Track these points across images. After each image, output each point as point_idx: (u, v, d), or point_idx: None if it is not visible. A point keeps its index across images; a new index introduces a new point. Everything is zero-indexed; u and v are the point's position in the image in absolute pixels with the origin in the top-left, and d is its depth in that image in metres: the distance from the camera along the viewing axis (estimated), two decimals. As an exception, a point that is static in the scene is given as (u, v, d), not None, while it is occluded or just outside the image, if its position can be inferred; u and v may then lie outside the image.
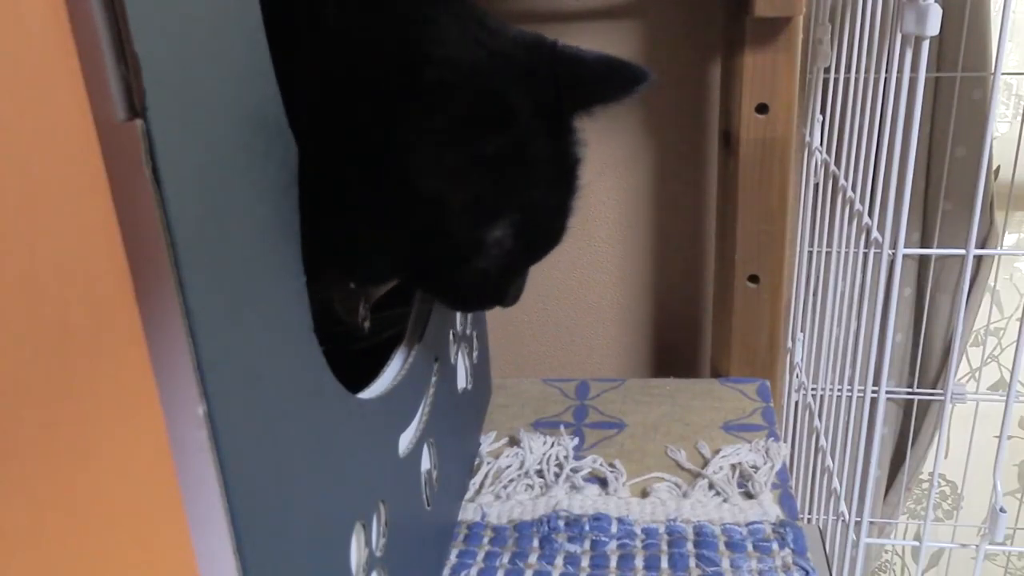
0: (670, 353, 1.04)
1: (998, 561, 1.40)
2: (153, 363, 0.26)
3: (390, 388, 0.47)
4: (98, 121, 0.24)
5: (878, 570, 1.46)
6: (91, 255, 0.23)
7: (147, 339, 0.25)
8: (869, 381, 0.74)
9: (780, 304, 0.86)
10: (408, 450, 0.50)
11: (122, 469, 0.24)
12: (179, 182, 0.25)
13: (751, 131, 0.79)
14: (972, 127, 1.07)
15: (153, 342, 0.26)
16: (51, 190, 0.21)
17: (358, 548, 0.41)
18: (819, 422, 0.93)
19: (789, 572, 0.57)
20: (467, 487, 0.68)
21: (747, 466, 0.69)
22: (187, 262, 0.26)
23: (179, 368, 0.26)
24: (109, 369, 0.24)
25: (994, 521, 0.70)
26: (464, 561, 0.60)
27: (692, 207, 0.96)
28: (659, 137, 0.94)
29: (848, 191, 0.80)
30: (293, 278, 0.34)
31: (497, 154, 0.41)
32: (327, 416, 0.37)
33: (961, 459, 1.24)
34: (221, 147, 0.28)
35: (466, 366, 0.67)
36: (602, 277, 1.01)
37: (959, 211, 1.09)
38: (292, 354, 0.34)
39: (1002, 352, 1.36)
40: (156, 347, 0.26)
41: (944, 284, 1.15)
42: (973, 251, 0.68)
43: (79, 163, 0.23)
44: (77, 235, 0.22)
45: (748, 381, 0.84)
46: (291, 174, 0.34)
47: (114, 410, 0.24)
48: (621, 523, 0.62)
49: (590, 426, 0.77)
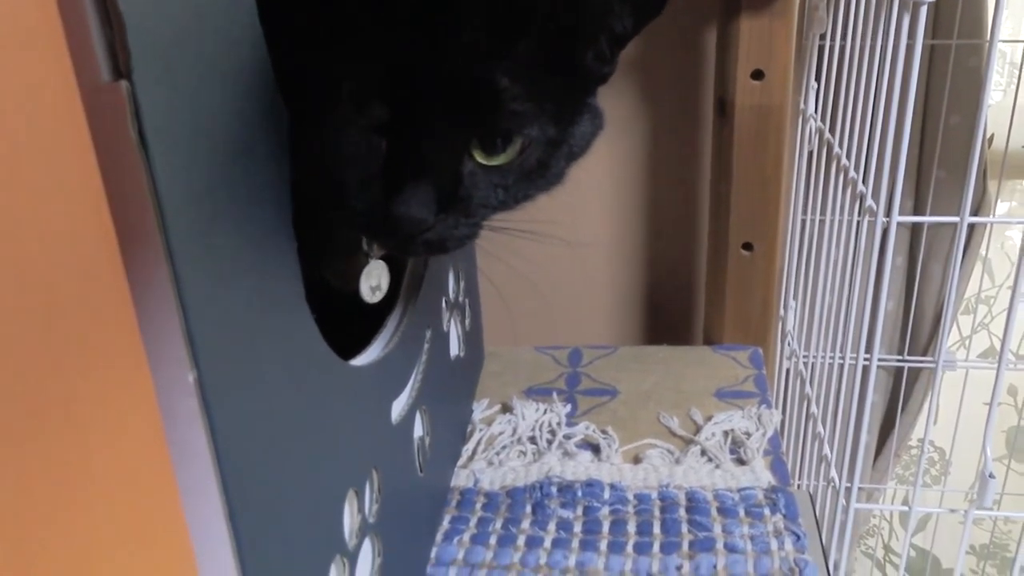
0: (663, 320, 1.04)
1: (984, 526, 1.42)
2: (142, 329, 0.25)
3: (382, 355, 0.47)
4: (82, 83, 0.23)
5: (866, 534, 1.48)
6: (77, 219, 0.23)
7: (135, 305, 0.25)
8: (861, 349, 0.74)
9: (774, 272, 0.86)
10: (401, 417, 0.50)
11: (112, 437, 0.24)
12: (166, 145, 0.25)
13: (747, 97, 0.78)
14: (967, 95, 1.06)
15: (141, 307, 0.25)
16: (34, 153, 0.21)
17: (351, 514, 0.41)
18: (810, 389, 0.93)
19: (780, 537, 0.57)
20: (460, 454, 0.68)
21: (739, 432, 0.69)
22: (175, 226, 0.25)
23: (168, 334, 0.26)
24: (97, 335, 0.23)
25: (983, 487, 0.71)
26: (457, 527, 0.60)
27: (686, 174, 0.96)
28: (653, 104, 0.93)
29: (842, 159, 0.80)
30: (284, 243, 0.34)
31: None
32: (319, 383, 0.37)
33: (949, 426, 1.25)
34: (208, 109, 0.28)
35: (459, 333, 0.67)
36: (595, 245, 1.01)
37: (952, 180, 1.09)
38: (284, 321, 0.33)
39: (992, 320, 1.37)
40: (145, 312, 0.25)
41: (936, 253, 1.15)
42: (967, 219, 0.68)
43: (63, 126, 0.22)
44: (62, 199, 0.22)
45: (741, 348, 0.84)
46: (280, 137, 0.33)
47: (103, 377, 0.24)
48: (614, 489, 0.63)
49: (583, 393, 0.77)
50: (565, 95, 0.42)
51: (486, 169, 0.40)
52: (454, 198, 0.39)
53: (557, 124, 0.41)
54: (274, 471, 0.32)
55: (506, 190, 0.41)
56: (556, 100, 0.41)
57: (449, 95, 0.36)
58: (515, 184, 0.41)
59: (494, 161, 0.40)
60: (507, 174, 0.40)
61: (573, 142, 0.43)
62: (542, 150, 0.41)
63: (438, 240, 0.40)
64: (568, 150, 0.43)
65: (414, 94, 0.36)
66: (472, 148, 0.39)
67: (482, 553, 0.57)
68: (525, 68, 0.38)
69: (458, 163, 0.39)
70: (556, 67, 0.40)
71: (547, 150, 0.41)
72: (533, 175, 0.42)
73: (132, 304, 0.25)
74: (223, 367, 0.28)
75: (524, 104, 0.38)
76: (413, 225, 0.37)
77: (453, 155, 0.39)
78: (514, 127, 0.39)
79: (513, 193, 0.41)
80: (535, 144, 0.40)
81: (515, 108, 0.38)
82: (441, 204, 0.38)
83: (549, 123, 0.40)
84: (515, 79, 0.37)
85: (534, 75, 0.38)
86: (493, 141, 0.39)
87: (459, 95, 0.37)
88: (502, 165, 0.40)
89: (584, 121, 0.44)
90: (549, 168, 0.42)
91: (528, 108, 0.39)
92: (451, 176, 0.39)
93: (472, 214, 0.40)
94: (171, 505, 0.28)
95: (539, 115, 0.40)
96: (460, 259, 0.67)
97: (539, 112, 0.39)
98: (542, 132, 0.40)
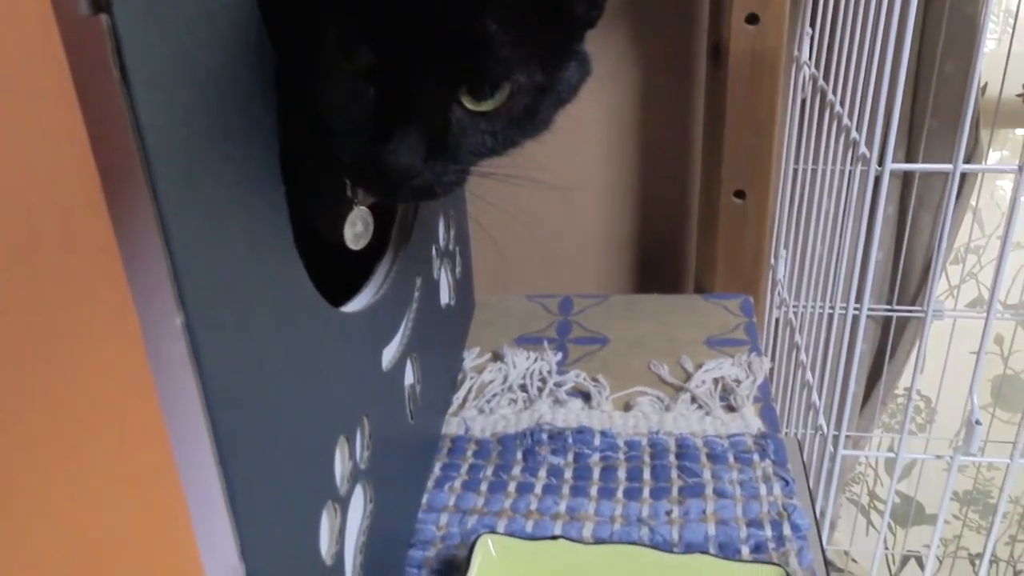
0: (654, 269, 1.04)
1: (968, 472, 1.44)
2: (127, 272, 0.25)
3: (372, 302, 0.46)
4: (60, 16, 0.22)
5: (852, 481, 1.50)
6: (57, 158, 0.22)
7: (120, 247, 0.25)
8: (851, 298, 0.74)
9: (765, 220, 0.85)
10: (391, 364, 0.49)
11: (98, 382, 0.24)
12: (149, 82, 0.24)
13: (741, 42, 0.77)
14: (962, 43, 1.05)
15: (126, 250, 0.25)
16: (11, 90, 0.20)
17: (342, 461, 0.41)
18: (800, 338, 0.93)
19: (769, 482, 0.58)
20: (451, 402, 0.69)
21: (729, 380, 0.69)
22: (159, 166, 0.24)
23: (155, 277, 0.26)
24: (81, 277, 0.23)
25: (969, 432, 0.71)
26: (448, 474, 0.60)
27: (678, 121, 0.95)
28: (645, 49, 0.92)
29: (836, 106, 0.79)
30: (272, 187, 0.33)
31: None
32: (309, 329, 0.37)
33: (936, 375, 1.26)
34: (193, 46, 0.27)
35: (449, 282, 0.67)
36: (586, 193, 1.00)
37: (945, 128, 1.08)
38: (272, 264, 0.33)
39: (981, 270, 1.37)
40: (130, 255, 0.25)
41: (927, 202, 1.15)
42: (960, 167, 0.67)
43: (41, 61, 0.22)
44: (41, 138, 0.21)
45: (731, 297, 0.84)
46: (267, 78, 0.32)
47: (87, 320, 0.23)
48: (604, 436, 0.63)
49: (574, 341, 0.77)
50: (553, 41, 0.42)
51: (474, 115, 0.39)
52: (443, 144, 0.39)
53: (545, 70, 0.41)
54: (264, 416, 0.32)
55: (494, 136, 0.41)
56: (544, 46, 0.40)
57: (437, 41, 0.36)
58: (503, 130, 0.41)
59: (482, 107, 0.39)
60: (495, 120, 0.40)
61: (561, 88, 0.43)
62: (530, 96, 0.41)
63: (426, 186, 0.39)
64: (556, 96, 0.43)
65: (402, 40, 0.36)
66: (460, 94, 0.38)
67: (473, 499, 0.58)
68: (513, 13, 0.37)
69: (446, 109, 0.38)
70: (544, 12, 0.39)
71: (535, 96, 0.41)
72: (521, 121, 0.42)
73: (116, 246, 0.24)
74: (211, 311, 0.28)
75: (513, 50, 0.38)
76: (402, 172, 0.37)
77: (441, 101, 0.38)
78: (502, 73, 0.39)
79: (501, 139, 0.41)
80: (523, 90, 0.40)
81: (504, 54, 0.38)
82: (430, 151, 0.38)
83: (537, 69, 0.40)
84: (503, 24, 0.37)
85: (522, 20, 0.38)
86: (482, 87, 0.39)
87: (447, 41, 0.36)
88: (490, 111, 0.40)
89: (572, 67, 0.44)
90: (537, 114, 0.42)
91: (516, 54, 0.38)
92: (440, 122, 0.38)
93: (460, 160, 0.40)
94: (161, 451, 0.28)
95: (527, 61, 0.39)
96: (451, 207, 0.67)
97: (527, 58, 0.39)
98: (530, 78, 0.40)
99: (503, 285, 1.05)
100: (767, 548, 0.52)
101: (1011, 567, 1.51)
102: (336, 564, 0.39)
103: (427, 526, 0.56)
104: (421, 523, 0.56)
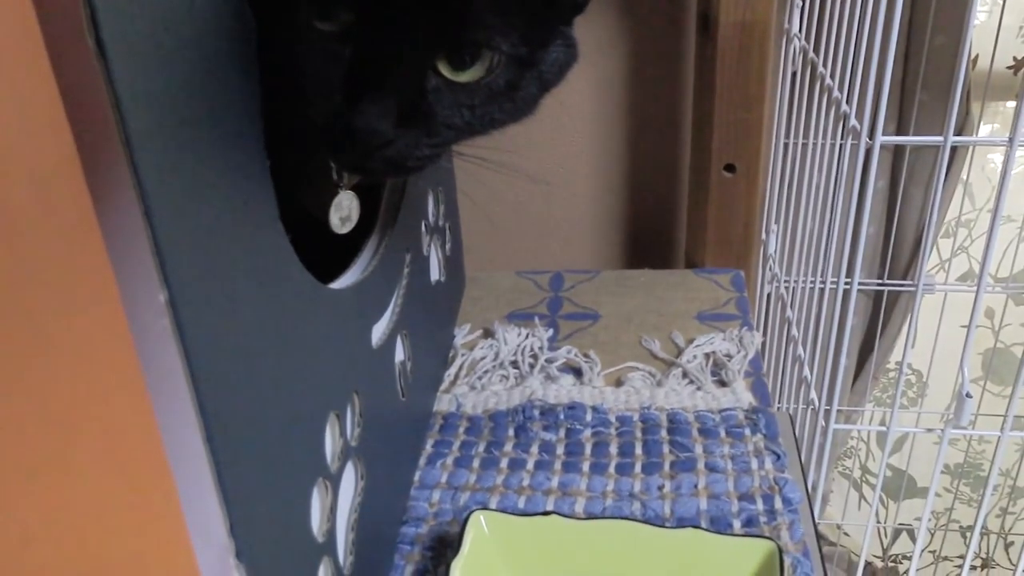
0: (645, 244, 1.03)
1: (959, 446, 1.44)
2: (108, 248, 0.25)
3: (361, 279, 0.46)
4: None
5: (844, 456, 1.50)
6: (34, 134, 0.22)
7: (101, 223, 0.24)
8: (842, 273, 0.74)
9: (756, 194, 0.85)
10: (381, 341, 0.49)
11: (81, 360, 0.23)
12: (126, 53, 0.24)
13: (730, 13, 0.77)
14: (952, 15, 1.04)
15: (107, 226, 0.24)
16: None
17: (333, 438, 0.40)
18: (791, 312, 0.93)
19: (760, 456, 0.58)
20: (442, 379, 0.68)
21: (721, 355, 0.69)
22: (139, 140, 0.24)
23: (137, 253, 0.25)
24: (61, 255, 0.23)
25: (960, 406, 0.71)
26: (440, 450, 0.60)
27: (668, 94, 0.94)
28: (634, 21, 0.91)
29: (826, 79, 0.79)
30: (256, 161, 0.33)
31: None
32: (296, 305, 0.36)
33: (927, 349, 1.26)
34: (172, 15, 0.26)
35: (439, 258, 0.67)
36: (576, 167, 0.99)
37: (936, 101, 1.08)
38: (257, 241, 0.33)
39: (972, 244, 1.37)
40: (111, 231, 0.25)
41: (917, 176, 1.15)
42: (951, 140, 0.67)
43: (14, 32, 0.21)
44: (16, 112, 0.21)
45: (722, 271, 0.84)
46: (249, 49, 0.32)
47: (69, 299, 0.23)
48: (596, 412, 0.63)
49: (565, 317, 0.77)
50: (539, 15, 0.41)
51: (452, 86, 0.38)
52: (416, 113, 0.38)
53: (528, 44, 0.40)
54: (252, 393, 0.32)
55: (472, 111, 0.39)
56: (528, 19, 0.39)
57: (417, 2, 0.35)
58: (482, 105, 0.40)
59: (460, 77, 0.38)
60: (474, 93, 0.39)
61: (544, 68, 0.42)
62: (511, 71, 0.40)
63: (398, 158, 0.38)
64: (539, 75, 0.42)
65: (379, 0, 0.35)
66: (438, 62, 0.37)
67: (465, 476, 0.58)
68: None
69: (422, 77, 0.37)
70: None
71: (516, 71, 0.40)
72: (501, 97, 0.40)
73: (97, 222, 0.24)
74: (195, 287, 0.27)
75: (495, 17, 0.37)
76: (371, 137, 0.36)
77: (417, 68, 0.37)
78: (483, 39, 0.37)
79: (480, 115, 0.40)
80: (504, 63, 0.39)
81: (485, 20, 0.36)
82: (402, 118, 0.37)
83: (520, 41, 0.39)
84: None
85: None
86: (460, 55, 0.38)
87: (427, 2, 0.35)
88: (469, 83, 0.38)
89: (557, 47, 0.42)
90: (518, 90, 0.41)
91: (498, 22, 0.37)
92: (414, 90, 0.37)
93: (435, 133, 0.39)
94: (147, 429, 0.27)
95: (509, 31, 0.38)
96: (439, 184, 0.66)
97: (509, 28, 0.38)
98: (512, 48, 0.39)
99: (493, 261, 1.04)
100: (758, 522, 0.53)
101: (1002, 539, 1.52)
102: (328, 541, 0.39)
103: (419, 503, 0.55)
104: (413, 500, 0.56)
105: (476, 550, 0.47)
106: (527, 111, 0.43)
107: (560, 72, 0.43)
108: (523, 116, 0.43)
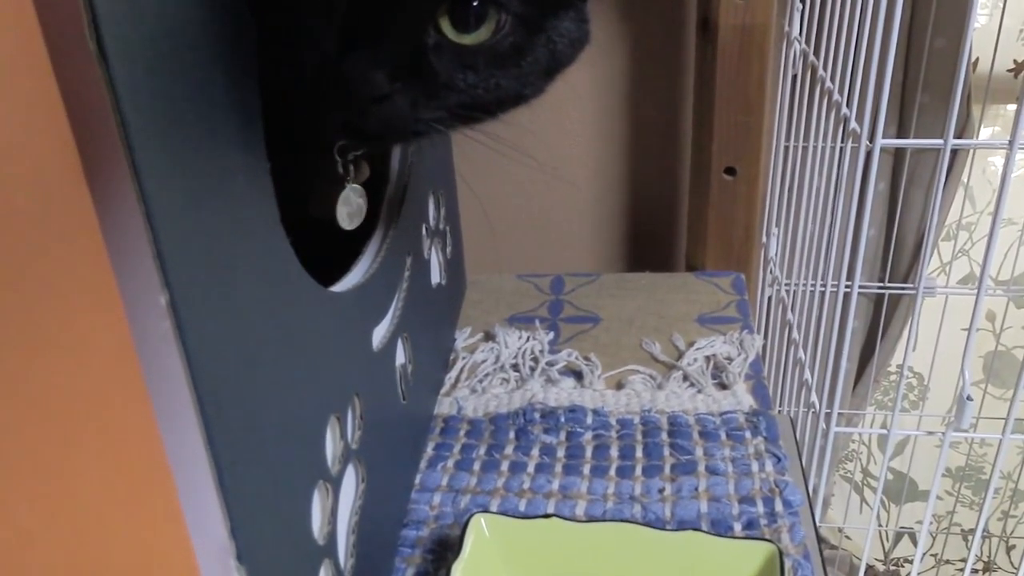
0: (645, 247, 1.03)
1: (960, 449, 1.44)
2: (109, 250, 0.25)
3: (362, 281, 0.46)
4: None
5: (845, 459, 1.50)
6: (34, 136, 0.22)
7: (101, 225, 0.24)
8: (843, 276, 0.74)
9: (756, 197, 0.85)
10: (382, 344, 0.49)
11: (82, 362, 0.23)
12: (127, 57, 0.24)
13: (730, 17, 0.77)
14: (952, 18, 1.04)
15: (108, 228, 0.24)
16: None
17: (334, 440, 0.40)
18: (792, 316, 0.93)
19: (761, 459, 0.58)
20: (443, 382, 0.68)
21: (721, 358, 0.69)
22: (140, 141, 0.24)
23: (138, 256, 0.25)
24: (61, 257, 0.23)
25: (961, 409, 0.71)
26: (441, 453, 0.60)
27: (669, 98, 0.94)
28: (634, 23, 0.91)
29: (827, 82, 0.79)
30: (256, 163, 0.33)
31: None
32: (297, 308, 0.36)
33: (928, 351, 1.26)
34: (172, 19, 0.26)
35: (440, 261, 0.67)
36: (577, 171, 0.99)
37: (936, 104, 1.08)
38: (259, 244, 0.33)
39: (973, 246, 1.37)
40: (112, 233, 0.25)
41: (918, 178, 1.15)
42: (951, 142, 0.67)
43: (14, 35, 0.21)
44: (17, 114, 0.21)
45: (723, 274, 0.84)
46: (249, 51, 0.32)
47: (69, 298, 0.23)
48: (596, 414, 0.63)
49: (565, 320, 0.77)
50: None
51: (454, 45, 0.36)
52: (415, 68, 0.36)
53: (538, 4, 0.38)
54: (253, 396, 0.32)
55: (475, 72, 0.37)
56: None
57: None
58: (485, 68, 0.37)
59: (464, 40, 0.36)
60: (477, 55, 0.37)
61: (554, 35, 0.40)
62: (519, 34, 0.37)
63: (396, 118, 0.36)
64: (548, 43, 0.39)
65: None
66: (441, 22, 0.35)
67: (466, 479, 0.58)
68: None
69: (422, 31, 0.35)
70: None
71: (524, 34, 0.38)
72: (506, 61, 0.38)
73: (98, 224, 0.24)
74: (195, 289, 0.27)
75: None
76: (364, 86, 0.34)
77: (418, 20, 0.35)
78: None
79: (484, 78, 0.38)
80: (511, 24, 0.37)
81: None
82: (398, 71, 0.35)
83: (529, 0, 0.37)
84: None
85: None
86: (465, 15, 0.35)
87: None
88: (472, 44, 0.36)
89: (569, 17, 0.40)
90: (524, 56, 0.38)
91: None
92: (413, 43, 0.35)
93: (435, 94, 0.37)
94: (147, 431, 0.27)
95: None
96: (440, 186, 0.66)
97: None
98: (521, 7, 0.36)
99: (494, 264, 1.04)
100: (759, 525, 0.53)
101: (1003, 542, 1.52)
102: (328, 544, 0.39)
103: (420, 506, 0.55)
104: (414, 503, 0.56)
105: (477, 553, 0.47)
106: (535, 85, 0.41)
107: (572, 48, 0.41)
108: (530, 91, 0.41)
